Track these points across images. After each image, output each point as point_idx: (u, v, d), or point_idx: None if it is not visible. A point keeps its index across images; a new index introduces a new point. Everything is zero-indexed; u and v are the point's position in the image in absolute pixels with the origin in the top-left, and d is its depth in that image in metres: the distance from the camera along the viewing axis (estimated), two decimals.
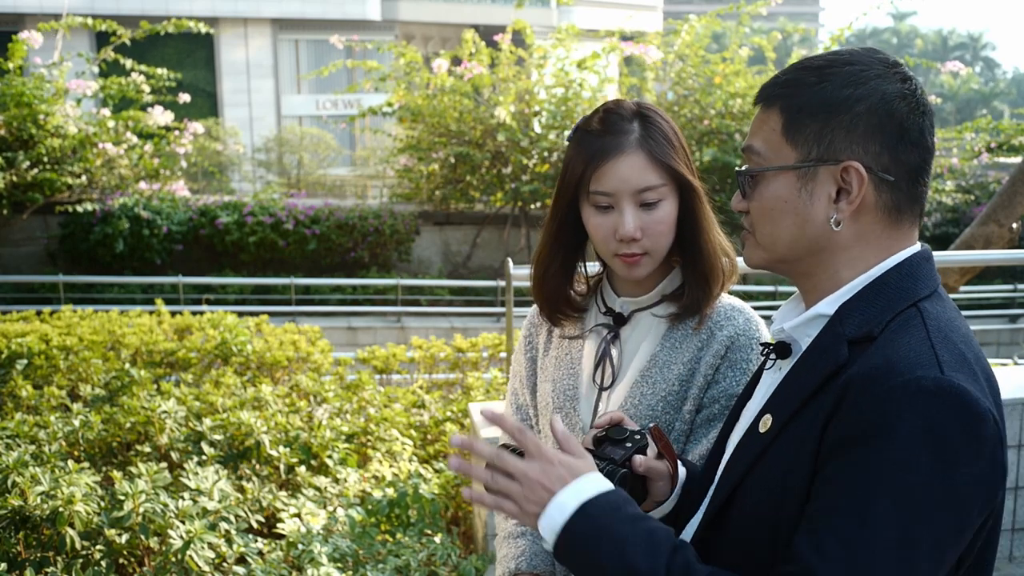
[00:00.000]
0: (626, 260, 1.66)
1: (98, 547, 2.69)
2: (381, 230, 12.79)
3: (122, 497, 2.66)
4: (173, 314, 6.59)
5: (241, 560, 2.82)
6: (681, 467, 1.48)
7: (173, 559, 2.58)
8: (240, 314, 6.49)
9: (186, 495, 2.85)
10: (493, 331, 8.33)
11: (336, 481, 3.58)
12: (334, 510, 3.31)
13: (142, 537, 2.64)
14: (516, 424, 1.25)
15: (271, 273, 12.74)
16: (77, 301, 10.83)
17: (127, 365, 4.86)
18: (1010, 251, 5.75)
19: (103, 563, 2.65)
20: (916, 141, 1.20)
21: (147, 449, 3.54)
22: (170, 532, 2.64)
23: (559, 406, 1.78)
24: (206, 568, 2.61)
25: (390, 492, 3.34)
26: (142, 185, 12.77)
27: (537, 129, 12.64)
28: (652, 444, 1.44)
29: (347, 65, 15.32)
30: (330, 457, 3.65)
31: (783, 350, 1.29)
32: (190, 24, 12.31)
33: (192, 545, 2.58)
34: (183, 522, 2.67)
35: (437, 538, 3.13)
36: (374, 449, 3.95)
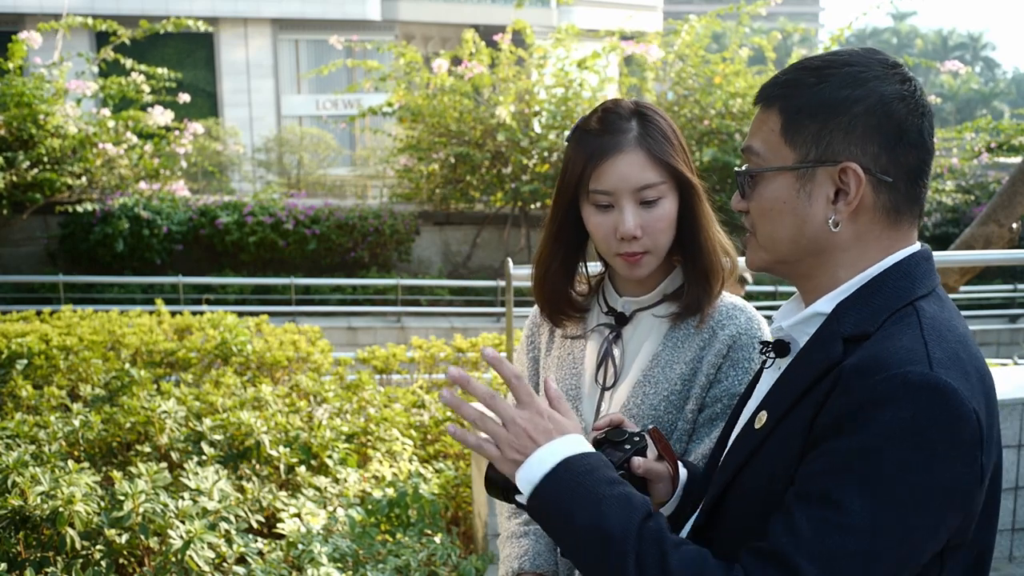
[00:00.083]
0: (628, 259, 1.66)
1: (98, 547, 2.69)
2: (381, 230, 12.79)
3: (122, 497, 2.66)
4: (173, 314, 6.59)
5: (241, 560, 2.82)
6: (682, 468, 1.48)
7: (173, 559, 2.58)
8: (240, 314, 6.50)
9: (186, 495, 2.85)
10: (493, 331, 8.34)
11: (336, 481, 3.58)
12: (334, 510, 3.31)
13: (142, 537, 2.64)
14: (513, 370, 1.25)
15: (271, 273, 12.74)
16: (77, 301, 10.82)
17: (127, 365, 4.86)
18: (1010, 251, 5.75)
19: (103, 563, 2.65)
20: (915, 142, 1.20)
21: (147, 449, 3.54)
22: (170, 532, 2.64)
23: None
24: (206, 568, 2.61)
25: (390, 492, 3.35)
26: (142, 185, 12.78)
27: (537, 129, 12.65)
28: (652, 446, 1.44)
29: (347, 65, 15.32)
30: (330, 457, 3.65)
31: (782, 348, 1.30)
32: (189, 23, 12.32)
33: (192, 545, 2.58)
34: (183, 522, 2.67)
35: (437, 538, 3.13)
36: (374, 449, 3.95)
